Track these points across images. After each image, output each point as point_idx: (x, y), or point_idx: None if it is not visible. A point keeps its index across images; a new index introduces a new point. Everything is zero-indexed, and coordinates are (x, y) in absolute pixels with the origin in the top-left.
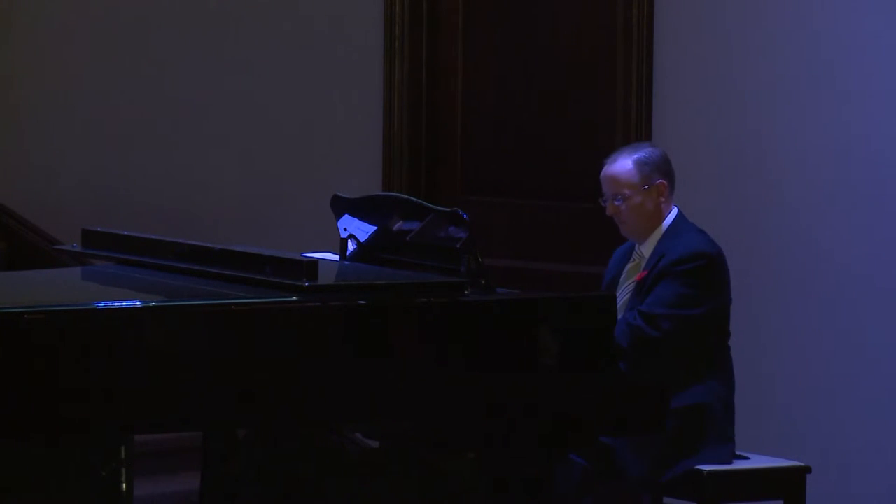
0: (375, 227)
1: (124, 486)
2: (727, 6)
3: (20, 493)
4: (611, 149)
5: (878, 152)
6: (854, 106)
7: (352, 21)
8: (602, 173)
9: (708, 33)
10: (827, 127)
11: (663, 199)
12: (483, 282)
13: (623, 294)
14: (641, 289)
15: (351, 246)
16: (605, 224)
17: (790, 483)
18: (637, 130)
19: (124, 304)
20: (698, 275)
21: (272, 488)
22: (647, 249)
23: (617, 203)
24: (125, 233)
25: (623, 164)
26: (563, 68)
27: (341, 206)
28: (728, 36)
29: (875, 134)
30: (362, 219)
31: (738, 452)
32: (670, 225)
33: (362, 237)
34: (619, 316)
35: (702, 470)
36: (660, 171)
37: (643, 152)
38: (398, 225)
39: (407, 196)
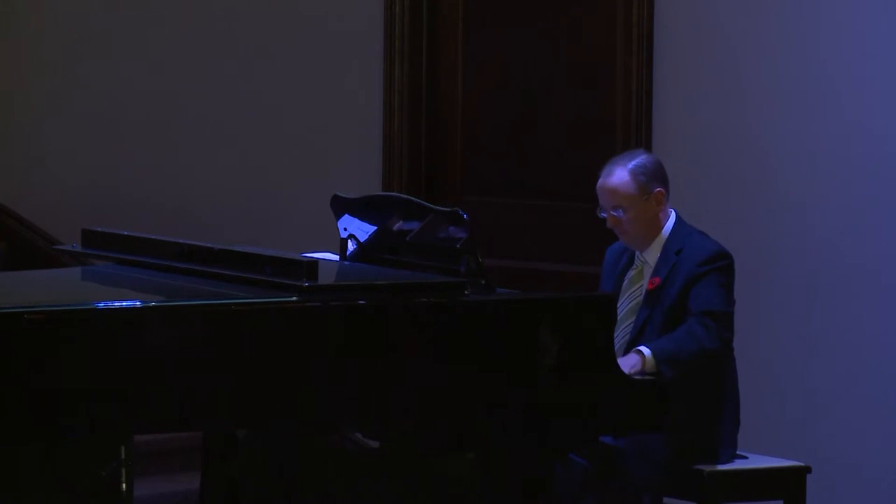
0: (375, 227)
1: (124, 486)
2: (727, 6)
3: (20, 493)
4: (611, 149)
5: (880, 152)
6: (855, 105)
7: (352, 21)
8: (598, 186)
9: (708, 33)
10: (828, 126)
11: (662, 207)
12: (483, 282)
13: (627, 301)
14: (657, 295)
15: (351, 246)
16: (604, 224)
17: (790, 483)
18: (637, 131)
19: (124, 304)
20: (727, 273)
21: (272, 488)
22: (650, 256)
23: (616, 214)
24: (125, 233)
25: (620, 176)
26: (563, 68)
27: (341, 206)
28: (728, 36)
29: (876, 134)
30: (362, 219)
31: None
32: (671, 230)
33: (362, 237)
34: (624, 321)
35: (702, 470)
36: (656, 179)
37: (637, 161)
38: (398, 225)
39: (407, 196)
